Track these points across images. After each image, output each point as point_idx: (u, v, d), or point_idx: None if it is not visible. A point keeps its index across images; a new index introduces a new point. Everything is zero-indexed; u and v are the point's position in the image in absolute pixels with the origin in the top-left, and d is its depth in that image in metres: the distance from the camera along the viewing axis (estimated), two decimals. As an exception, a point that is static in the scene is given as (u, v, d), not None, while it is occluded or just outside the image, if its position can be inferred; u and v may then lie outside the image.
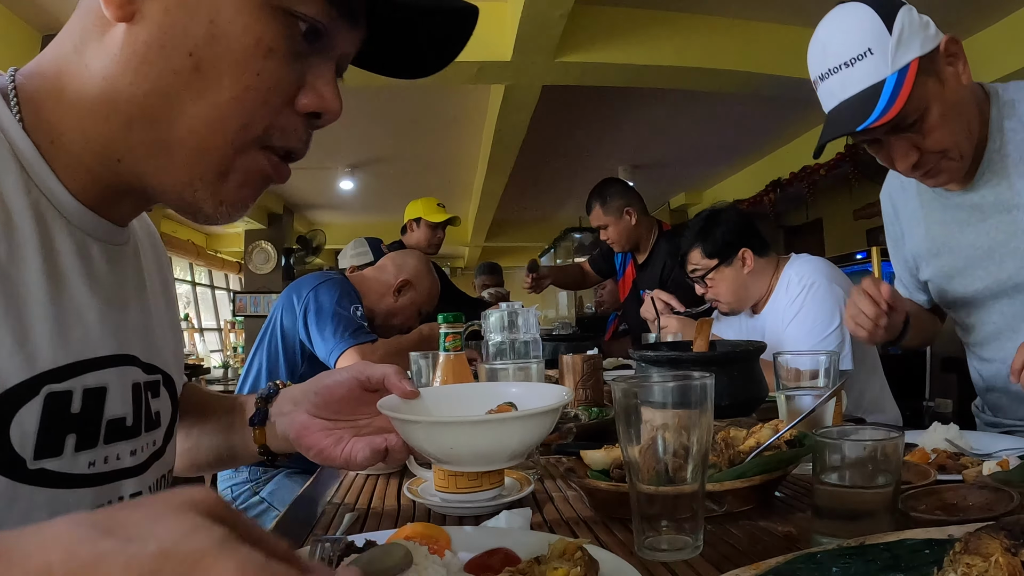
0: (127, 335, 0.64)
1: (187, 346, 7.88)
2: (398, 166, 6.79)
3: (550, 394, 0.82)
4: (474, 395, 0.86)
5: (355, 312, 2.02)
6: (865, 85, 1.13)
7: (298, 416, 0.80)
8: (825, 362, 1.12)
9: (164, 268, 0.81)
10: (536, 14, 3.26)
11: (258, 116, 0.56)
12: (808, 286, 1.86)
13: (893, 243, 1.53)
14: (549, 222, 9.25)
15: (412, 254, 2.38)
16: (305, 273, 3.56)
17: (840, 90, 1.17)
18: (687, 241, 2.04)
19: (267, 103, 0.56)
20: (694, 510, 0.70)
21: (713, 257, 1.98)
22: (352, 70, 0.68)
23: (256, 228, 7.87)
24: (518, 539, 0.69)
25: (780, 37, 4.01)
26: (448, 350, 1.15)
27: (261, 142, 0.58)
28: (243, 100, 0.55)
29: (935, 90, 1.14)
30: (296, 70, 0.57)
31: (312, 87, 0.59)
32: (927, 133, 1.15)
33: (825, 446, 0.71)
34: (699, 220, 2.06)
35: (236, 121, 0.55)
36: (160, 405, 0.70)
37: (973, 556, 0.49)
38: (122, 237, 0.66)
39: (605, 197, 3.06)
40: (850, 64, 1.14)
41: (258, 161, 0.59)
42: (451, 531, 0.70)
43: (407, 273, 2.24)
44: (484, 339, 1.44)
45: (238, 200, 0.60)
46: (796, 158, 5.91)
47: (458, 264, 12.16)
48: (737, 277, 1.98)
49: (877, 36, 1.12)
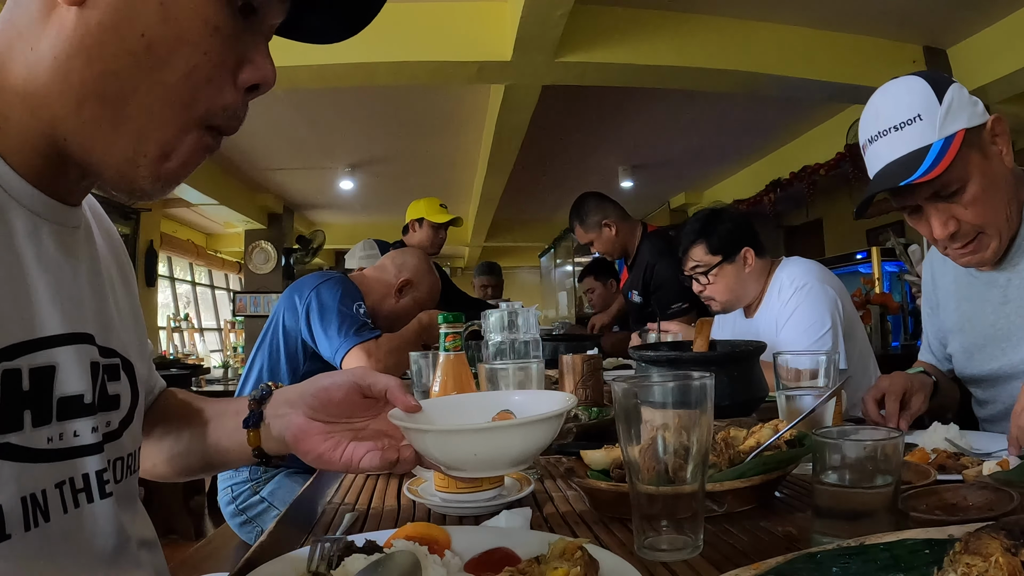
0: (81, 315, 0.64)
1: (187, 346, 7.88)
2: (398, 166, 6.79)
3: (554, 401, 0.81)
4: (478, 404, 0.85)
5: (358, 309, 2.01)
6: (912, 148, 1.18)
7: (295, 418, 0.79)
8: (825, 362, 1.12)
9: (123, 263, 0.80)
10: (536, 14, 3.26)
11: (204, 94, 0.58)
12: (800, 288, 1.88)
13: (929, 311, 1.56)
14: (549, 222, 9.25)
15: (412, 252, 2.34)
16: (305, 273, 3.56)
17: (887, 152, 1.22)
18: (688, 238, 2.04)
19: (212, 81, 0.58)
20: (694, 510, 0.70)
21: (717, 254, 1.99)
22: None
23: (256, 228, 7.87)
24: (518, 539, 0.69)
25: (780, 37, 4.01)
26: (448, 350, 1.15)
27: (205, 121, 0.59)
28: (192, 78, 0.57)
29: (978, 163, 1.18)
30: (237, 46, 0.59)
31: (251, 61, 0.60)
32: (967, 204, 1.19)
33: (825, 446, 0.71)
34: (701, 217, 2.07)
35: (184, 99, 0.57)
36: (120, 389, 0.70)
37: (973, 556, 0.49)
38: (74, 220, 0.66)
39: (583, 216, 3.15)
40: (899, 128, 1.20)
41: (202, 140, 0.60)
42: (451, 531, 0.70)
43: (408, 272, 2.22)
44: (484, 339, 1.44)
45: (174, 177, 0.61)
46: (796, 158, 5.91)
47: (458, 264, 12.16)
48: (738, 275, 1.99)
49: (927, 104, 1.18)
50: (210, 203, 6.70)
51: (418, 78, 4.03)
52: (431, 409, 0.81)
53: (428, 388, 1.28)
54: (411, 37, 3.67)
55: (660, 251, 3.14)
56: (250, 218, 7.56)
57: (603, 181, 7.16)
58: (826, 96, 4.57)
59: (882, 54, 4.16)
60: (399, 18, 3.64)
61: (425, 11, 3.68)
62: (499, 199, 7.12)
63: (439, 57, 3.74)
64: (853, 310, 1.99)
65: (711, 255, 1.99)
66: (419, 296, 2.23)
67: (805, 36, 4.05)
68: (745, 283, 2.00)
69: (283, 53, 2.93)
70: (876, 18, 3.91)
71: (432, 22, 3.68)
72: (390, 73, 3.85)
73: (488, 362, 1.26)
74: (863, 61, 4.11)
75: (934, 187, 1.18)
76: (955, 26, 3.94)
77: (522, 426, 0.72)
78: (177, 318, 8.19)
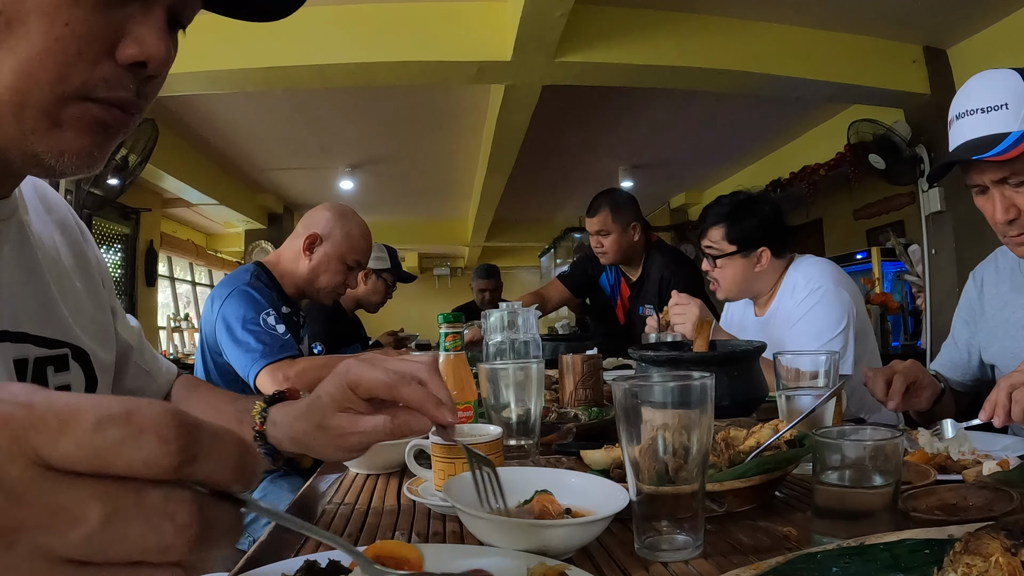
0: (9, 311, 0.63)
1: (187, 346, 7.87)
2: (398, 166, 6.79)
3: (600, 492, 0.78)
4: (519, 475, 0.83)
5: (265, 321, 1.85)
6: (992, 131, 1.24)
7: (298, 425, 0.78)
8: (825, 362, 1.12)
9: (80, 251, 0.79)
10: (536, 14, 3.26)
11: (74, 68, 0.56)
12: (815, 290, 1.85)
13: (964, 321, 1.59)
14: (549, 222, 9.25)
15: (322, 206, 2.14)
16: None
17: (969, 130, 1.28)
18: (714, 216, 2.00)
19: (81, 54, 0.55)
20: (694, 510, 0.70)
21: (733, 243, 1.95)
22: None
23: (256, 228, 7.87)
24: (495, 560, 0.65)
25: (780, 37, 4.01)
26: (448, 350, 1.15)
27: (84, 94, 0.57)
28: (55, 51, 0.55)
29: None
30: (111, 18, 0.56)
31: (132, 35, 0.57)
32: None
33: (825, 446, 0.71)
34: (733, 201, 2.00)
35: (51, 73, 0.55)
36: (69, 379, 0.70)
37: (973, 556, 0.49)
38: (2, 212, 0.65)
39: (618, 205, 2.95)
40: (985, 111, 1.26)
41: (89, 111, 0.58)
42: (424, 549, 0.65)
43: (315, 227, 2.05)
44: (484, 339, 1.44)
45: (81, 149, 0.59)
46: (796, 158, 5.91)
47: (458, 264, 12.15)
48: (747, 271, 1.96)
49: (1018, 97, 1.24)
50: (210, 203, 6.70)
51: (418, 78, 4.02)
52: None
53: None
54: (411, 37, 3.67)
55: (676, 262, 3.00)
56: (250, 218, 7.56)
57: (603, 181, 7.16)
58: (826, 96, 4.57)
59: (882, 54, 4.16)
60: (399, 18, 3.64)
61: (425, 11, 3.67)
62: (499, 199, 7.11)
63: (439, 57, 3.74)
64: (865, 313, 1.98)
65: (727, 242, 1.96)
66: (332, 249, 2.04)
67: (805, 36, 4.05)
68: (752, 280, 1.97)
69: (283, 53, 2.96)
70: (876, 18, 3.91)
71: (432, 22, 3.68)
72: (390, 73, 3.85)
73: (488, 362, 1.26)
74: (863, 61, 4.11)
75: (1003, 171, 1.24)
76: (955, 26, 3.94)
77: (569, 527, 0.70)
78: (177, 318, 8.18)
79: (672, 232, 8.15)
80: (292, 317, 2.04)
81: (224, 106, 4.81)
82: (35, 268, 0.69)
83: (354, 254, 2.07)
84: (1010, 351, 1.43)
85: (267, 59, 3.56)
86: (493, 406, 1.19)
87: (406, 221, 9.31)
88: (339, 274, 2.05)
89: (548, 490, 0.78)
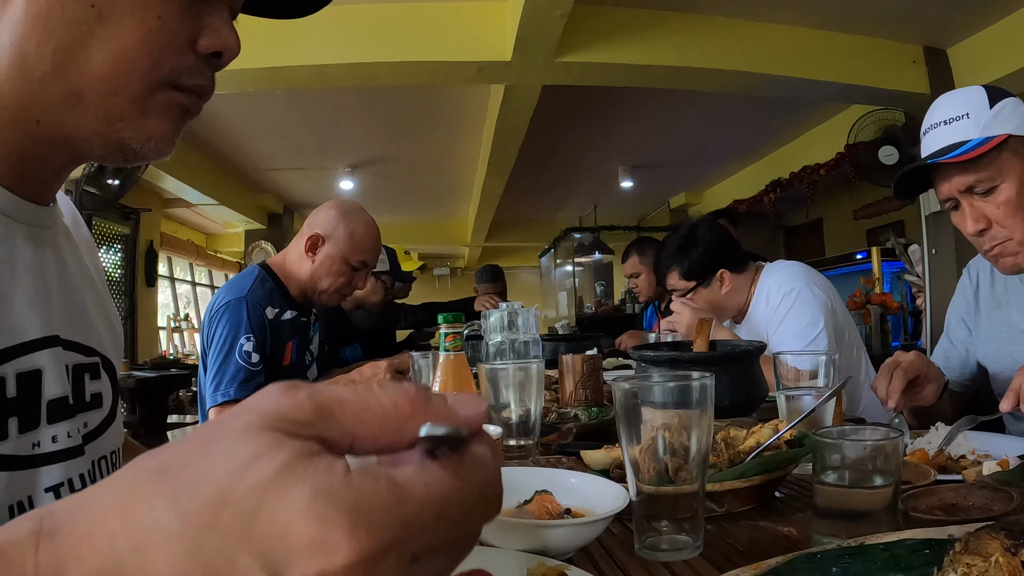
0: (56, 319, 0.64)
1: (187, 346, 7.88)
2: (398, 166, 6.78)
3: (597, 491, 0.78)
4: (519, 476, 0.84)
5: (241, 348, 1.80)
6: (953, 140, 1.26)
7: None
8: (825, 362, 1.12)
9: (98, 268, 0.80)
10: (536, 14, 3.26)
11: (164, 57, 0.59)
12: (788, 293, 1.88)
13: (959, 319, 1.56)
14: (549, 222, 9.24)
15: (328, 204, 2.05)
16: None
17: (934, 142, 1.31)
18: (665, 262, 2.06)
19: (172, 44, 0.59)
20: (694, 510, 0.70)
21: (691, 279, 2.00)
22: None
23: (256, 228, 7.87)
24: (494, 559, 0.65)
25: (780, 37, 4.01)
26: (448, 350, 1.15)
27: (171, 82, 0.60)
28: (148, 42, 0.57)
29: (1018, 169, 1.24)
30: (193, 13, 0.60)
31: (211, 28, 0.61)
32: (999, 205, 1.25)
33: (825, 446, 0.71)
34: (677, 240, 2.07)
35: (144, 62, 0.58)
36: (101, 387, 0.70)
37: (973, 556, 0.49)
38: (47, 220, 0.66)
39: (644, 249, 3.49)
40: (947, 123, 1.29)
41: (174, 97, 0.61)
42: None
43: (318, 227, 1.95)
44: (484, 339, 1.44)
45: (163, 134, 0.61)
46: (796, 158, 5.91)
47: (458, 264, 12.15)
48: (715, 296, 2.00)
49: (977, 107, 1.26)
50: (210, 203, 6.70)
51: (418, 78, 4.02)
52: None
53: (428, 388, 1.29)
54: (411, 37, 3.67)
55: None
56: (250, 218, 7.56)
57: (603, 181, 7.18)
58: (826, 96, 4.57)
59: (882, 54, 4.16)
60: (399, 18, 3.64)
61: (425, 11, 3.67)
62: (499, 199, 7.11)
63: (439, 57, 3.74)
64: (845, 310, 1.99)
65: (685, 280, 2.01)
66: (334, 250, 1.95)
67: (805, 36, 4.05)
68: (724, 301, 2.01)
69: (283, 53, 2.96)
70: (876, 18, 3.91)
71: (432, 22, 3.68)
72: (390, 73, 3.85)
73: (488, 362, 1.26)
74: (863, 61, 4.11)
75: (967, 178, 1.25)
76: (955, 26, 3.94)
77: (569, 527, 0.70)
78: (177, 318, 8.19)
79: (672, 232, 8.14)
80: (300, 318, 2.01)
81: (224, 106, 4.81)
82: (73, 275, 0.70)
83: (358, 254, 1.96)
84: (1007, 355, 1.41)
85: (267, 59, 3.55)
86: (493, 406, 1.20)
87: (406, 221, 9.30)
88: (342, 275, 1.96)
89: (548, 490, 0.78)
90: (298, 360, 2.02)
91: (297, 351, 2.01)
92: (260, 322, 1.86)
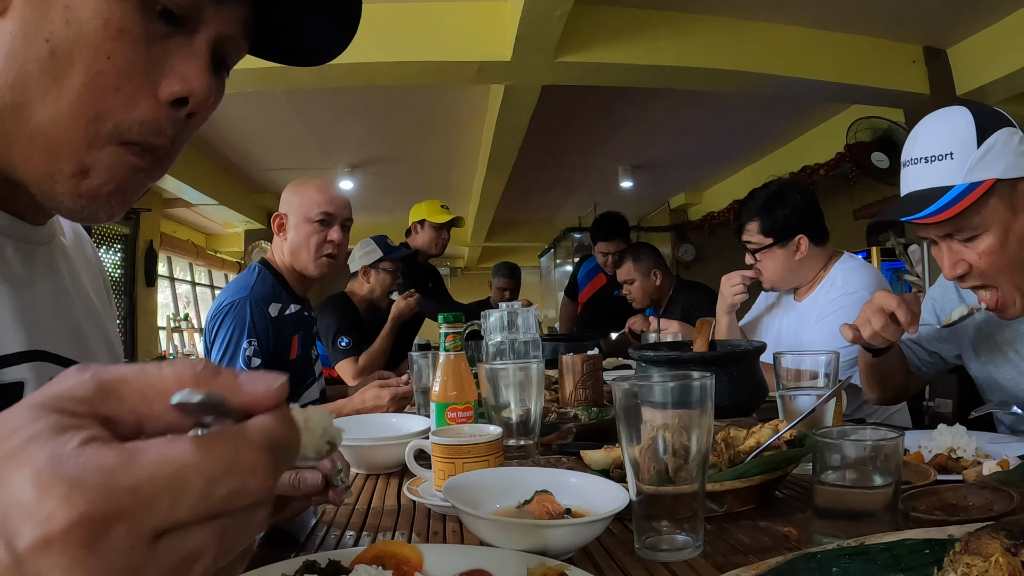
0: (43, 333, 0.64)
1: (186, 346, 7.87)
2: (398, 166, 6.78)
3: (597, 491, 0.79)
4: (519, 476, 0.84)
5: (244, 354, 1.85)
6: (933, 184, 1.16)
7: None
8: (825, 362, 1.12)
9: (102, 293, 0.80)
10: (536, 14, 3.26)
11: (111, 105, 0.54)
12: (849, 293, 1.85)
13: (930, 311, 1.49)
14: (549, 222, 9.24)
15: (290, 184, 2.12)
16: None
17: (914, 181, 1.21)
18: (748, 211, 2.01)
19: (120, 90, 0.53)
20: (694, 510, 0.70)
21: (769, 235, 1.96)
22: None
23: (256, 228, 7.87)
24: (495, 560, 0.65)
25: (780, 37, 4.01)
26: (448, 350, 1.15)
27: (118, 136, 0.55)
28: (94, 86, 0.53)
29: (1002, 217, 1.14)
30: (153, 53, 0.54)
31: (175, 71, 0.55)
32: (981, 253, 1.16)
33: (825, 446, 0.71)
34: (765, 193, 2.01)
35: (89, 109, 0.53)
36: None
37: (973, 556, 0.49)
38: (39, 237, 0.65)
39: (639, 255, 3.44)
40: (929, 161, 1.18)
41: (120, 156, 0.56)
42: (424, 550, 0.65)
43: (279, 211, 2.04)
44: (484, 339, 1.43)
45: (105, 198, 0.57)
46: (796, 158, 5.90)
47: (458, 264, 12.15)
48: (787, 260, 1.96)
49: (964, 145, 1.14)
50: (210, 203, 6.69)
51: (418, 78, 4.02)
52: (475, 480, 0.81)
53: (428, 388, 1.29)
54: (411, 37, 3.66)
55: (690, 289, 3.43)
56: (250, 218, 7.55)
57: (603, 181, 7.17)
58: (826, 96, 4.56)
59: (882, 54, 4.15)
60: (399, 18, 3.63)
61: (425, 11, 3.67)
62: (499, 199, 7.11)
63: (439, 57, 3.74)
64: None
65: (763, 235, 1.97)
66: (295, 216, 2.00)
67: (805, 36, 4.05)
68: (794, 269, 1.97)
69: (283, 53, 2.78)
70: (876, 18, 3.91)
71: (432, 22, 3.68)
72: (390, 73, 3.85)
73: (488, 362, 1.26)
74: (863, 61, 4.11)
75: (946, 228, 1.16)
76: (955, 26, 3.94)
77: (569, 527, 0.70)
78: (177, 318, 8.18)
79: (672, 232, 8.15)
80: (303, 312, 2.07)
81: (224, 106, 4.79)
82: (68, 291, 0.70)
83: (315, 208, 2.00)
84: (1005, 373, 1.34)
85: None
86: (493, 406, 1.20)
87: (406, 221, 9.30)
88: (313, 235, 1.99)
89: (548, 490, 0.78)
90: (304, 353, 2.07)
91: (302, 345, 2.05)
92: (263, 322, 1.91)
